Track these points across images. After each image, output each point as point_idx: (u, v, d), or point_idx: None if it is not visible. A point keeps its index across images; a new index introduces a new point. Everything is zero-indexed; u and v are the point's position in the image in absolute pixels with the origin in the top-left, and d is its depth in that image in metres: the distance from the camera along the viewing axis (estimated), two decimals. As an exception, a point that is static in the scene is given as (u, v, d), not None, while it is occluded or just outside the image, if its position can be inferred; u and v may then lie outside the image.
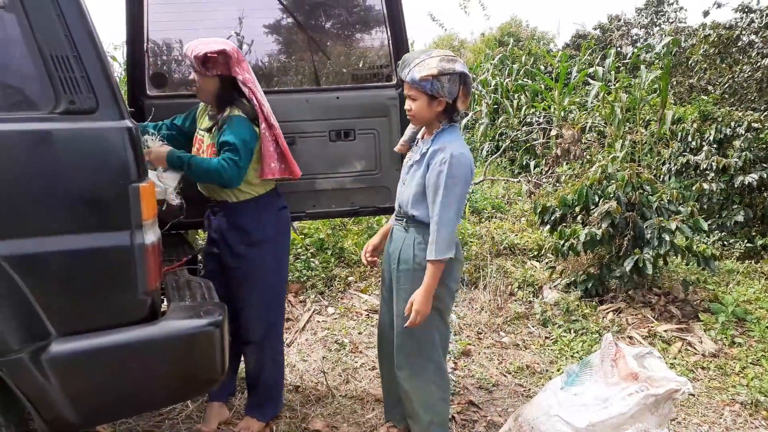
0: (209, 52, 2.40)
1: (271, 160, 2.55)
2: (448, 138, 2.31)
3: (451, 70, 2.22)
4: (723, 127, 6.50)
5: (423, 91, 2.26)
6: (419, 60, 2.25)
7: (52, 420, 1.80)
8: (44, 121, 1.70)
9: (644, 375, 2.29)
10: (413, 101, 2.31)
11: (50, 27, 1.68)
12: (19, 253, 1.68)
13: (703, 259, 4.35)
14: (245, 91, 2.51)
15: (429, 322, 2.37)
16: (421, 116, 2.33)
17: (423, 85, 2.23)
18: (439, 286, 2.35)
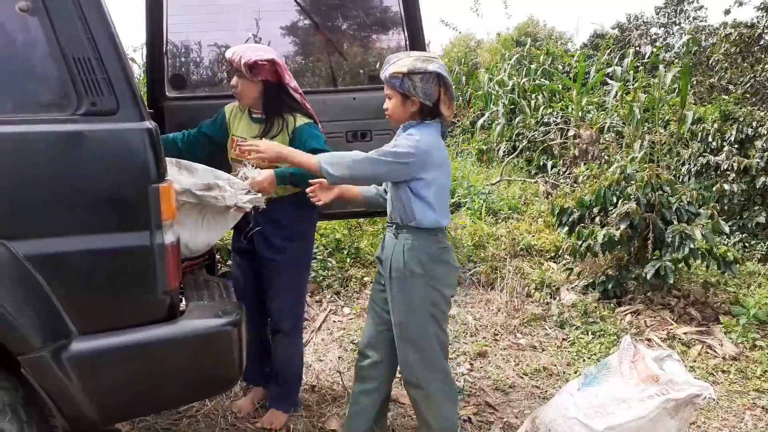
0: (259, 60, 2.46)
1: None
2: (415, 129, 2.28)
3: (423, 69, 2.19)
4: (744, 127, 6.41)
5: (395, 89, 2.24)
6: (396, 59, 2.25)
7: (72, 417, 1.82)
8: (66, 123, 1.72)
9: (665, 378, 2.25)
10: (389, 99, 2.30)
11: (72, 29, 1.70)
12: (41, 253, 1.70)
13: (725, 263, 4.29)
14: (297, 98, 2.62)
15: (426, 329, 2.34)
16: (396, 116, 2.31)
17: (393, 82, 2.23)
18: (435, 292, 2.32)
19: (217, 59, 3.40)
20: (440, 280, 2.34)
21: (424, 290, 2.32)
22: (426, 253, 2.31)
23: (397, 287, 2.35)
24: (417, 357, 2.37)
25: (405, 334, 2.37)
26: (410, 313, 2.34)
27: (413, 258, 2.30)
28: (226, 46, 3.34)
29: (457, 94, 13.43)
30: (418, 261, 2.30)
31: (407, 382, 2.43)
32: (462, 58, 15.41)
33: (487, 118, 11.30)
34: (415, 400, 2.46)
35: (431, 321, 2.35)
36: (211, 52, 3.37)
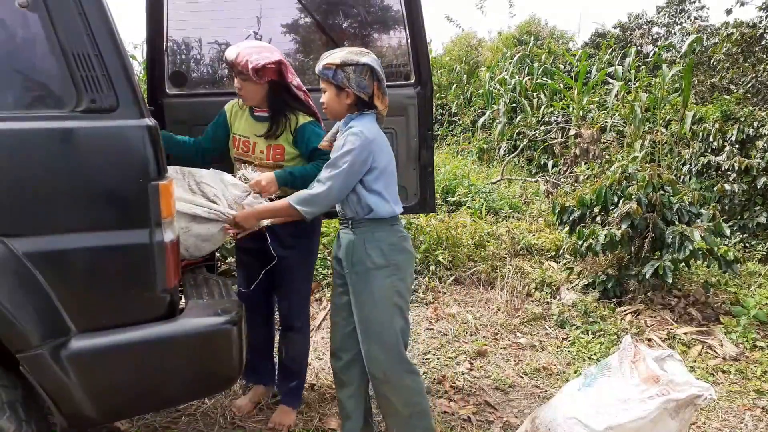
0: (268, 63, 2.46)
1: None
2: (355, 122, 2.30)
3: (356, 61, 2.22)
4: (745, 127, 6.40)
5: (329, 81, 2.27)
6: (330, 53, 2.28)
7: (71, 415, 1.82)
8: (66, 120, 1.72)
9: (665, 378, 2.24)
10: (324, 93, 2.32)
11: (72, 26, 1.69)
12: (39, 250, 1.70)
13: (725, 263, 4.28)
14: (300, 95, 2.62)
15: (391, 321, 2.34)
16: (331, 108, 2.34)
17: (326, 73, 2.25)
18: (398, 281, 2.34)
19: (218, 56, 3.39)
20: (402, 269, 2.37)
21: (387, 281, 2.33)
22: (387, 244, 2.33)
23: (360, 282, 2.35)
24: (382, 349, 2.36)
25: (370, 327, 2.36)
26: (374, 305, 2.34)
27: (374, 250, 2.31)
28: (227, 44, 3.33)
29: (458, 93, 13.42)
30: (380, 252, 2.32)
31: (373, 377, 2.41)
32: (463, 57, 15.39)
33: (487, 117, 11.29)
34: (383, 394, 2.44)
35: (396, 311, 2.36)
36: (211, 50, 3.36)
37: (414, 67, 3.11)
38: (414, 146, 3.14)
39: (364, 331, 2.38)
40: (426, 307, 4.46)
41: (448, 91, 13.79)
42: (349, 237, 2.37)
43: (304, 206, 2.24)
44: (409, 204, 3.16)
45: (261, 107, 2.65)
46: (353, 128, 2.26)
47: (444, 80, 14.38)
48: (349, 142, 2.22)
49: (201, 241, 2.30)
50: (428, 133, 3.17)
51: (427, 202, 3.22)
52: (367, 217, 2.31)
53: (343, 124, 2.35)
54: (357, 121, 2.30)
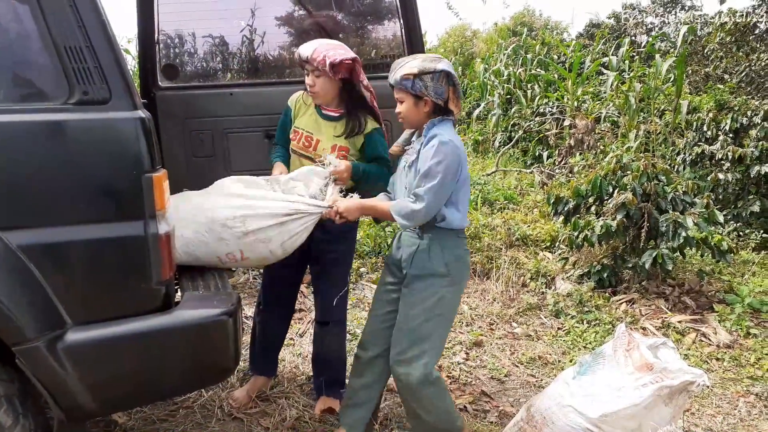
0: (345, 59, 2.48)
1: None
2: (439, 128, 2.29)
3: (433, 69, 2.21)
4: (739, 116, 6.41)
5: (407, 92, 2.26)
6: (404, 62, 2.27)
7: (68, 408, 1.82)
8: (58, 112, 1.71)
9: (659, 366, 2.26)
10: (401, 103, 2.32)
11: (63, 18, 1.68)
12: (34, 243, 1.69)
13: (719, 252, 4.31)
14: (366, 96, 2.64)
15: (439, 333, 2.37)
16: (410, 118, 2.33)
17: (405, 84, 2.24)
18: (454, 293, 2.38)
19: (211, 49, 3.38)
20: (460, 283, 2.39)
21: (445, 291, 2.34)
22: (452, 255, 2.34)
23: (419, 287, 2.35)
24: (420, 355, 2.33)
25: (416, 331, 2.34)
26: (426, 312, 2.33)
27: (439, 259, 2.32)
28: (221, 37, 3.31)
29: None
30: (443, 262, 2.32)
31: (399, 379, 2.38)
32: (458, 48, 15.37)
33: (482, 109, 11.29)
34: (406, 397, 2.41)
35: (445, 322, 2.38)
36: (205, 43, 3.34)
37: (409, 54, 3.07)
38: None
39: (408, 333, 2.36)
40: (422, 299, 4.47)
41: (443, 82, 13.74)
42: (414, 241, 2.36)
43: (403, 219, 2.27)
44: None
45: (330, 106, 2.67)
46: (440, 136, 2.23)
47: (438, 72, 14.31)
48: (440, 153, 2.20)
49: (296, 237, 2.36)
50: None
51: None
52: (438, 225, 2.30)
53: (426, 130, 2.31)
54: (439, 128, 2.28)
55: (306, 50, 2.54)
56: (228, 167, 3.05)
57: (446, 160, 2.19)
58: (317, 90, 2.59)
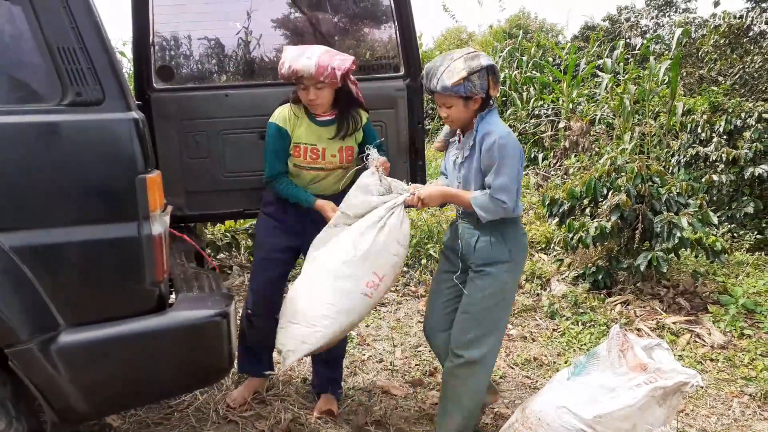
0: (352, 66, 2.50)
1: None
2: (489, 122, 2.33)
3: (479, 67, 2.25)
4: (733, 118, 6.43)
5: (457, 96, 2.28)
6: (444, 66, 2.27)
7: (61, 410, 1.82)
8: (51, 113, 1.71)
9: (653, 366, 2.27)
10: (448, 108, 2.34)
11: (57, 19, 1.69)
12: (27, 245, 1.69)
13: (713, 253, 4.33)
14: (353, 89, 2.63)
15: (501, 317, 2.49)
16: (459, 119, 2.37)
17: (457, 90, 2.26)
18: (514, 278, 2.50)
19: (207, 51, 3.38)
20: (520, 267, 2.53)
21: (507, 277, 2.45)
22: (513, 241, 2.43)
23: (483, 275, 2.43)
24: (487, 338, 2.45)
25: (483, 317, 2.44)
26: (492, 298, 2.43)
27: (502, 247, 2.40)
28: (216, 38, 3.31)
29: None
30: (506, 249, 2.41)
31: (459, 357, 2.47)
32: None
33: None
34: (458, 376, 2.50)
35: (506, 306, 2.51)
36: (200, 44, 3.34)
37: (403, 58, 3.05)
38: (404, 139, 3.10)
39: (475, 318, 2.45)
40: (417, 300, 4.48)
41: (439, 85, 13.77)
42: (474, 232, 2.43)
43: (482, 212, 2.32)
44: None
45: (326, 111, 2.65)
46: (497, 132, 2.28)
47: (434, 74, 14.35)
48: (503, 149, 2.26)
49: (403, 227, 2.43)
50: (419, 127, 3.11)
51: None
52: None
53: (477, 125, 2.34)
54: (490, 122, 2.34)
55: (306, 65, 2.43)
56: (223, 169, 3.04)
57: (509, 150, 2.27)
58: (321, 101, 2.56)
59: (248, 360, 3.01)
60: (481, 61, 2.25)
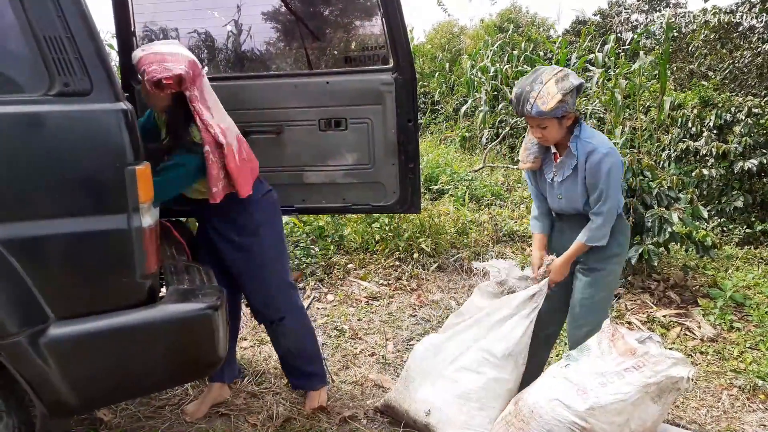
0: (164, 78, 2.17)
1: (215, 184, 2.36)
2: (587, 140, 2.40)
3: (571, 87, 2.30)
4: (723, 112, 6.48)
5: (553, 117, 2.33)
6: (536, 91, 2.30)
7: (52, 404, 1.80)
8: (38, 104, 1.69)
9: (641, 350, 2.28)
10: (543, 129, 2.38)
11: (43, 8, 1.66)
12: (15, 237, 1.67)
13: (703, 247, 4.36)
14: (195, 117, 2.30)
15: (606, 307, 2.61)
16: (555, 137, 2.42)
17: (555, 113, 2.31)
18: (620, 268, 2.62)
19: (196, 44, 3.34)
20: (626, 253, 2.65)
21: (617, 266, 2.61)
22: (622, 234, 2.58)
23: (598, 270, 2.55)
24: (591, 331, 2.52)
25: (598, 305, 2.57)
26: (605, 288, 2.58)
27: (612, 242, 2.51)
28: (202, 30, 3.24)
29: (441, 81, 13.41)
30: (616, 243, 2.54)
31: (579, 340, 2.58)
32: (445, 45, 15.38)
33: (470, 105, 11.30)
34: None
35: (611, 296, 2.66)
36: (185, 36, 3.28)
37: (391, 49, 2.78)
38: (392, 139, 2.88)
39: (591, 308, 2.58)
40: (409, 294, 4.48)
41: (431, 79, 13.78)
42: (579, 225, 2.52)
43: (602, 242, 2.47)
44: (387, 202, 2.99)
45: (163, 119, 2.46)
46: (599, 148, 2.36)
47: (426, 68, 14.35)
48: (606, 163, 2.35)
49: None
50: (409, 125, 2.86)
51: (408, 201, 2.98)
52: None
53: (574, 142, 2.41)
54: (586, 137, 2.40)
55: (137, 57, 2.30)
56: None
57: (614, 169, 2.36)
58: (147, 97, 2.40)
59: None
60: (572, 81, 2.31)
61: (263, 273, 2.64)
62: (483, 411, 2.59)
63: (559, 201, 2.56)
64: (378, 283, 4.62)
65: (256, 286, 2.67)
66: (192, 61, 2.29)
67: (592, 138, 2.40)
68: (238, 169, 2.40)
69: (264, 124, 2.91)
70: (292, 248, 4.92)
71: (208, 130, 2.29)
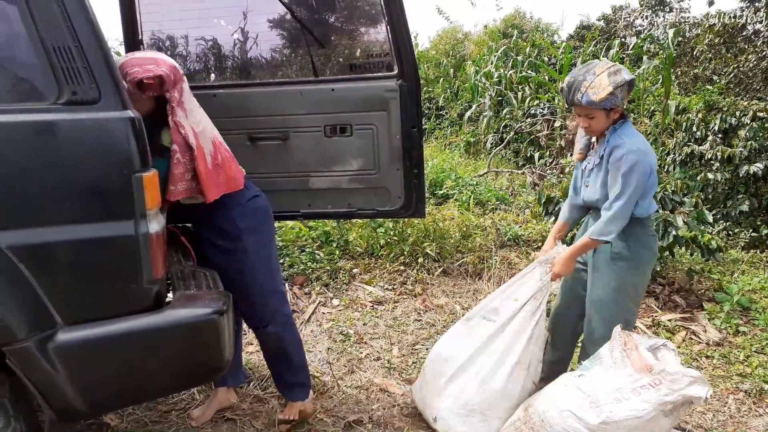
0: (145, 78, 2.13)
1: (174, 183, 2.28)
2: (622, 133, 2.43)
3: (623, 81, 2.35)
4: (728, 116, 6.47)
5: (602, 108, 2.38)
6: (588, 81, 2.36)
7: (60, 409, 1.82)
8: (47, 112, 1.71)
9: (658, 367, 2.23)
10: (590, 119, 2.44)
11: (52, 18, 1.68)
12: (24, 243, 1.69)
13: (708, 251, 4.35)
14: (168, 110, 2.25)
15: (622, 313, 2.56)
16: (600, 129, 2.47)
17: (604, 104, 2.36)
18: (638, 276, 2.57)
19: (203, 51, 3.36)
20: (643, 264, 2.57)
21: (626, 273, 2.54)
22: (634, 239, 2.52)
23: (603, 270, 2.57)
24: (606, 334, 2.50)
25: (601, 311, 2.58)
26: (611, 293, 2.55)
27: (622, 244, 2.52)
28: (206, 38, 3.27)
29: (445, 87, 13.44)
30: (625, 245, 2.52)
31: (585, 356, 2.61)
32: (450, 50, 15.40)
33: (474, 110, 11.31)
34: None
35: (629, 303, 2.59)
36: (190, 44, 3.31)
37: (395, 56, 2.79)
38: (397, 145, 2.89)
39: (596, 311, 2.61)
40: (414, 299, 4.48)
41: (435, 84, 13.80)
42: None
43: (607, 237, 2.44)
44: (392, 207, 3.00)
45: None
46: (625, 146, 2.38)
47: (431, 74, 14.38)
48: (628, 161, 2.36)
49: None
50: (413, 131, 2.86)
51: (413, 206, 2.98)
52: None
53: (609, 136, 2.46)
54: (622, 133, 2.43)
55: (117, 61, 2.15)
56: None
57: (636, 168, 2.36)
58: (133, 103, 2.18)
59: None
60: (624, 76, 2.35)
61: (244, 279, 2.56)
62: (486, 422, 2.59)
63: (585, 189, 2.63)
64: (383, 288, 4.63)
65: (238, 291, 2.53)
66: (173, 65, 2.26)
67: (627, 135, 2.43)
68: (208, 173, 2.32)
69: (270, 131, 2.93)
70: (297, 253, 4.93)
71: (179, 131, 2.24)
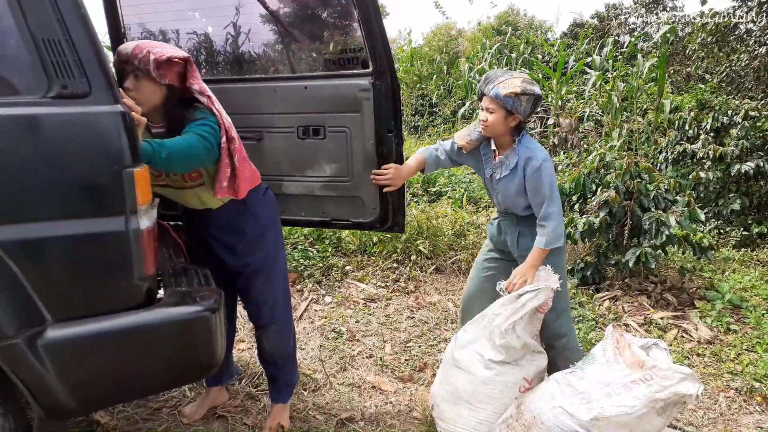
0: (174, 57, 2.07)
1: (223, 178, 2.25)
2: (528, 146, 2.58)
3: (532, 92, 2.48)
4: (720, 115, 6.50)
5: (503, 106, 2.50)
6: (504, 78, 2.51)
7: (49, 406, 1.79)
8: (36, 106, 1.68)
9: (650, 363, 2.24)
10: (491, 113, 2.54)
11: (42, 11, 1.66)
12: (12, 239, 1.66)
13: (700, 249, 4.37)
14: (203, 101, 2.19)
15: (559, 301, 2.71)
16: (494, 128, 2.57)
17: (506, 100, 2.47)
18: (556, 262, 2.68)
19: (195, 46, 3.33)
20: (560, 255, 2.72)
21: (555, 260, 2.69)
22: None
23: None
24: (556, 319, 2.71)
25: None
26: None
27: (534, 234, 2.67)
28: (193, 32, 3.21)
29: (439, 83, 13.43)
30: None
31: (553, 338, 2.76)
32: (443, 47, 15.40)
33: (467, 108, 11.32)
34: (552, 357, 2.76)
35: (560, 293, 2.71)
36: (177, 38, 3.26)
37: (369, 52, 2.51)
38: (370, 150, 2.65)
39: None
40: (407, 296, 4.48)
41: (429, 81, 13.80)
42: (515, 228, 2.76)
43: (558, 243, 2.59)
44: (366, 219, 2.76)
45: (155, 121, 2.22)
46: (537, 157, 2.54)
47: (424, 71, 14.37)
48: (545, 172, 2.53)
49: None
50: (389, 136, 2.60)
51: (390, 219, 2.75)
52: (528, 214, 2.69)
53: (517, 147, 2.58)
54: (528, 146, 2.59)
55: (126, 46, 2.12)
56: None
57: (552, 176, 2.56)
58: (138, 97, 2.09)
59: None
60: (534, 89, 2.50)
61: (272, 277, 2.57)
62: (473, 412, 2.58)
63: (496, 195, 2.76)
64: (376, 285, 4.62)
65: (264, 290, 2.57)
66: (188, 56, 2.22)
67: (532, 145, 2.59)
68: (242, 168, 2.31)
69: (245, 130, 2.68)
70: (290, 250, 4.92)
71: (222, 121, 2.19)
